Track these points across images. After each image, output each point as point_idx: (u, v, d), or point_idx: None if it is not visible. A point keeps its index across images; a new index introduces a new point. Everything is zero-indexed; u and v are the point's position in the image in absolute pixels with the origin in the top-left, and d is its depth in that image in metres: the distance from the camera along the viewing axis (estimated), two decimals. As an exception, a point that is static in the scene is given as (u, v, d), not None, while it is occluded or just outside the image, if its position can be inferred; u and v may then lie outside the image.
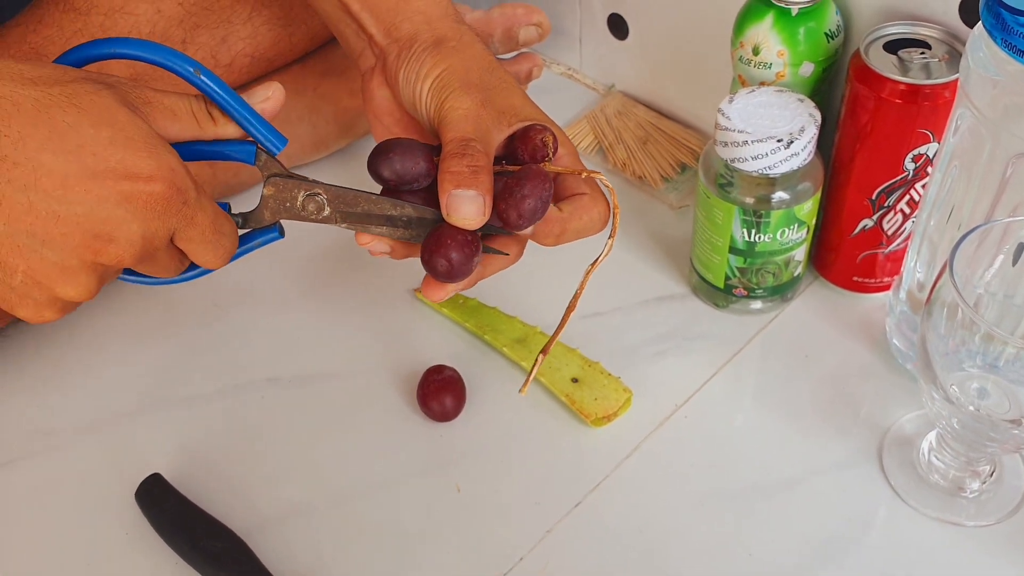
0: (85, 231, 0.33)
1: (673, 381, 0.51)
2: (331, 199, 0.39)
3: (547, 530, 0.46)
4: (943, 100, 0.44)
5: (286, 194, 0.39)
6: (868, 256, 0.52)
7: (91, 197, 0.33)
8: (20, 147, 0.32)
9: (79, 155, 0.33)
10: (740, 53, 0.50)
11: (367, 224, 0.39)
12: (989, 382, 0.43)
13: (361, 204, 0.39)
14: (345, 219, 0.39)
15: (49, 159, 0.32)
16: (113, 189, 0.33)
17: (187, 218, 0.35)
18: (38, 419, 0.52)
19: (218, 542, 0.44)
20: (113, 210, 0.33)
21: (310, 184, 0.39)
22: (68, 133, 0.33)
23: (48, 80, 0.33)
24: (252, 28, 0.58)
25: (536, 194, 0.38)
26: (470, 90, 0.40)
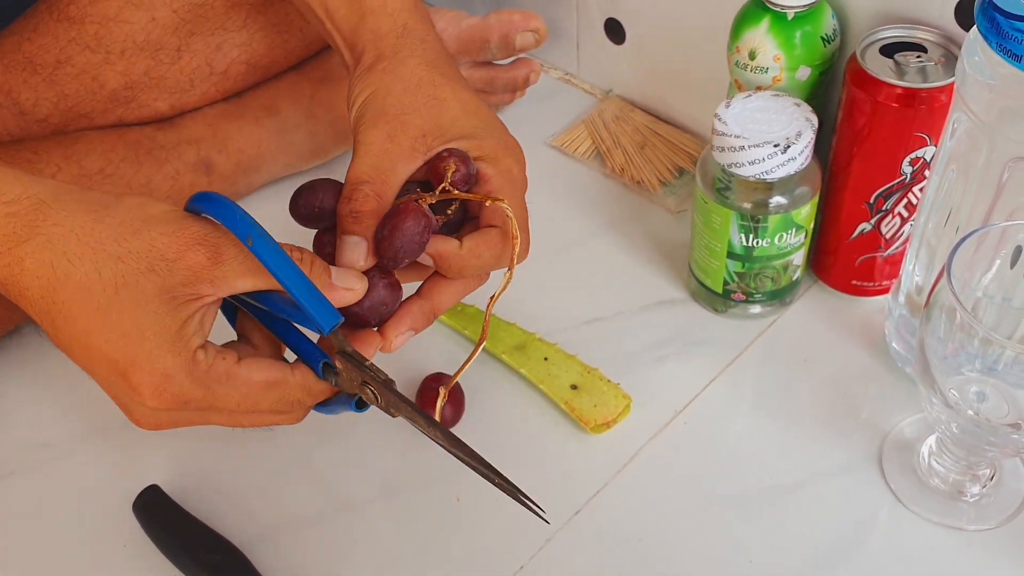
0: (110, 394, 0.36)
1: (672, 387, 0.51)
2: (380, 393, 0.38)
3: (547, 538, 0.45)
4: (939, 104, 0.44)
5: (351, 375, 0.38)
6: (866, 260, 0.52)
7: (106, 378, 0.35)
8: (62, 318, 0.35)
9: (95, 344, 0.35)
10: (736, 58, 0.50)
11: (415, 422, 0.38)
12: (988, 386, 0.42)
13: (403, 409, 0.38)
14: (400, 413, 0.39)
15: (78, 339, 0.35)
16: (117, 382, 0.35)
17: (198, 415, 0.36)
18: (35, 431, 0.51)
19: (216, 554, 0.44)
20: (118, 394, 0.36)
21: (366, 373, 0.38)
22: (100, 314, 0.34)
23: (110, 255, 0.35)
24: (247, 35, 0.58)
25: (400, 232, 0.37)
26: (380, 120, 0.40)
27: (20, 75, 0.54)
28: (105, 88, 0.56)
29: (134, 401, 0.35)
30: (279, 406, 0.37)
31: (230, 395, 0.36)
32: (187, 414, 0.36)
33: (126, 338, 0.34)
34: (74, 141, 0.56)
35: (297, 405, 0.38)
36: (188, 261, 0.35)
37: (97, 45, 0.55)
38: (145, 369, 0.34)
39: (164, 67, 0.57)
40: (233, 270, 0.35)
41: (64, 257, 0.34)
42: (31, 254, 0.34)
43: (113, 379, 0.35)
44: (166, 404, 0.35)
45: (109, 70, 0.55)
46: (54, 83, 0.55)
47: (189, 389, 0.35)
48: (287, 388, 0.37)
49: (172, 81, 0.57)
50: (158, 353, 0.34)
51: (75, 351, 0.35)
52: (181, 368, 0.35)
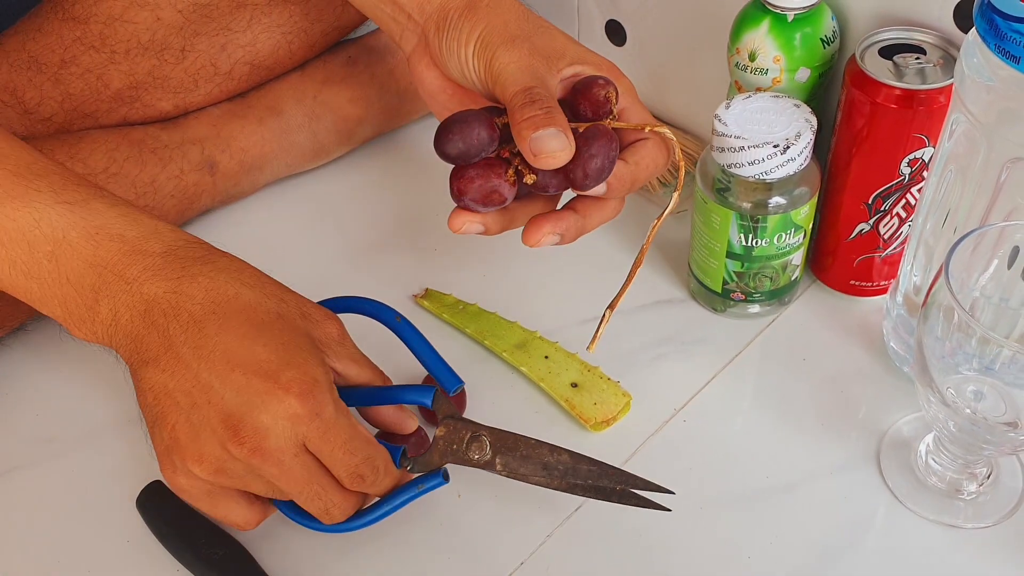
0: (221, 410, 0.37)
1: (672, 385, 0.51)
2: (493, 441, 0.41)
3: (547, 535, 0.46)
4: (938, 105, 0.44)
5: (455, 436, 0.42)
6: (865, 260, 0.52)
7: (240, 383, 0.37)
8: (217, 324, 0.37)
9: (249, 347, 0.37)
10: (736, 59, 0.50)
11: (525, 476, 0.41)
12: (985, 385, 0.43)
13: (520, 448, 0.41)
14: (505, 467, 0.41)
15: (225, 340, 0.37)
16: (256, 384, 0.37)
17: (319, 430, 0.38)
18: (40, 427, 0.52)
19: (219, 549, 0.44)
20: (249, 398, 0.37)
21: (476, 426, 0.42)
22: (255, 329, 0.38)
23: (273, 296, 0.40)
24: (251, 36, 0.58)
25: (603, 153, 0.38)
26: (515, 43, 0.41)
27: (25, 74, 0.54)
28: (110, 88, 0.56)
29: (265, 407, 0.37)
30: (365, 465, 0.39)
31: (345, 429, 0.38)
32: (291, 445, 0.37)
33: (285, 346, 0.38)
34: (78, 140, 0.56)
35: (375, 475, 0.40)
36: (326, 327, 0.41)
37: (102, 45, 0.55)
38: (301, 370, 0.37)
39: (168, 67, 0.57)
40: (349, 354, 0.41)
41: (238, 281, 0.39)
42: (206, 273, 0.39)
43: (254, 384, 0.37)
44: (306, 408, 0.37)
45: (114, 70, 0.56)
46: (59, 82, 0.55)
47: (328, 402, 0.38)
48: (379, 450, 0.40)
49: (176, 81, 0.58)
50: (313, 363, 0.38)
51: (216, 356, 0.37)
52: (327, 380, 0.38)
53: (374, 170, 0.64)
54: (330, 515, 0.40)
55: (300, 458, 0.38)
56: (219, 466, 0.37)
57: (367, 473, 0.40)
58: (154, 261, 0.39)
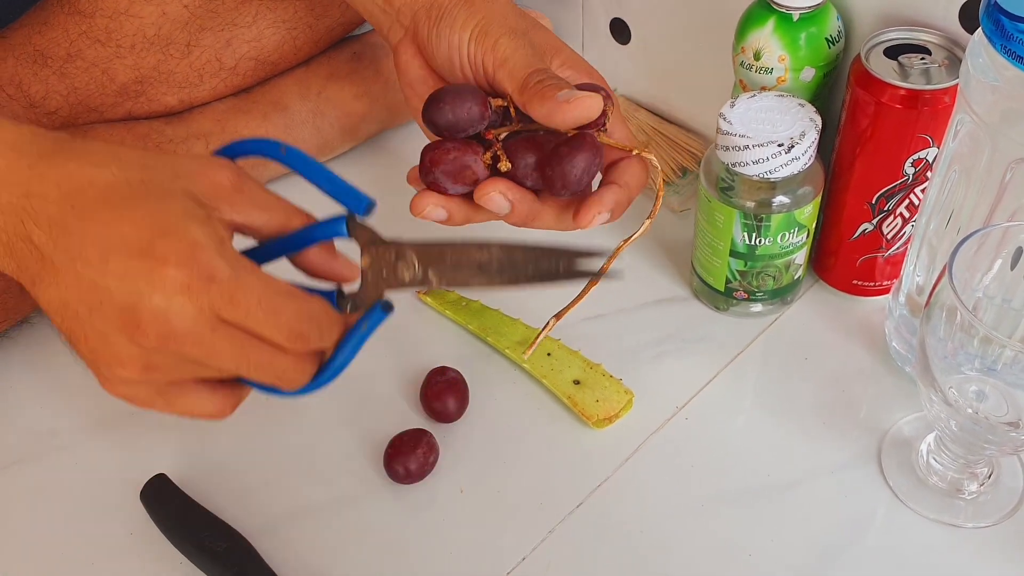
0: (115, 305, 0.34)
1: (674, 383, 0.51)
2: (420, 255, 0.37)
3: (549, 530, 0.46)
4: (943, 105, 0.45)
5: (381, 261, 0.37)
6: (868, 260, 0.52)
7: (120, 270, 0.33)
8: (77, 217, 0.34)
9: (116, 229, 0.33)
10: (741, 58, 0.50)
11: (466, 283, 0.37)
12: (987, 385, 0.43)
13: (448, 255, 0.37)
14: (440, 278, 0.37)
15: (93, 230, 0.34)
16: (134, 266, 0.33)
17: (222, 296, 0.34)
18: (43, 420, 0.52)
19: (223, 542, 0.44)
20: (134, 284, 0.33)
21: (399, 245, 0.37)
22: (118, 208, 0.34)
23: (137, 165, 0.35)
24: (256, 31, 0.58)
25: (585, 166, 0.37)
26: (515, 34, 0.41)
27: (30, 68, 0.54)
28: (115, 82, 0.56)
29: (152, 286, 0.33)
30: (298, 321, 0.35)
31: (254, 287, 0.34)
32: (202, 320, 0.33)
33: (153, 215, 0.33)
34: (83, 134, 0.56)
35: (314, 328, 0.35)
36: (213, 178, 0.36)
37: (107, 39, 0.55)
38: (175, 236, 0.33)
39: (174, 61, 0.57)
40: (251, 199, 0.36)
41: (90, 163, 0.34)
42: (55, 166, 0.34)
43: (131, 266, 0.33)
44: (189, 276, 0.33)
45: (119, 64, 0.56)
46: (64, 76, 0.55)
47: (218, 262, 0.33)
48: (307, 300, 0.36)
49: (181, 76, 0.58)
50: (189, 224, 0.34)
51: (88, 251, 0.33)
52: (211, 238, 0.34)
53: (378, 166, 0.64)
54: (289, 381, 0.36)
55: (220, 331, 0.34)
56: (143, 363, 0.34)
57: (306, 329, 0.35)
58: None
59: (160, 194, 0.34)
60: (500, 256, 0.36)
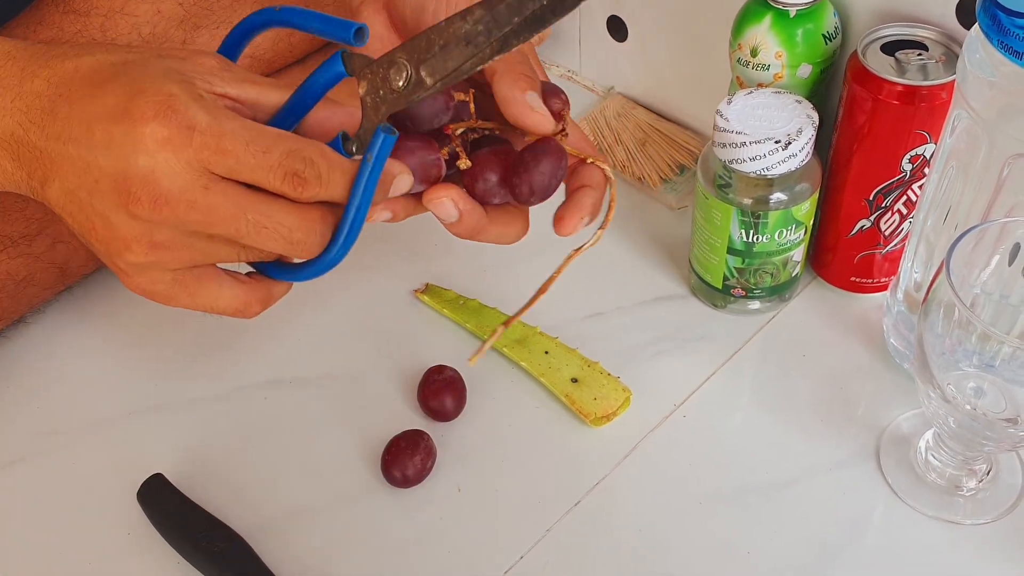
0: (107, 175, 0.33)
1: (672, 381, 0.51)
2: (408, 56, 0.34)
3: (547, 529, 0.46)
4: (940, 101, 0.44)
5: (376, 80, 0.34)
6: (866, 256, 0.52)
7: (104, 139, 0.33)
8: (64, 101, 0.34)
9: (101, 100, 0.33)
10: (738, 55, 0.50)
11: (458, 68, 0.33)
12: (985, 381, 0.43)
13: (434, 40, 0.33)
14: (433, 74, 0.33)
15: (78, 108, 0.33)
16: (115, 130, 0.33)
17: (207, 144, 0.32)
18: (41, 420, 0.52)
19: (220, 542, 0.44)
20: (119, 149, 0.33)
21: (388, 55, 0.34)
22: (101, 83, 0.34)
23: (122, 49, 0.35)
24: (252, 29, 0.58)
25: (551, 172, 0.36)
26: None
27: (26, 67, 0.54)
28: (111, 80, 0.56)
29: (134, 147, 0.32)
30: (292, 160, 0.33)
31: (238, 131, 0.33)
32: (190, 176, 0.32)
33: (132, 82, 0.33)
34: None
35: (312, 169, 0.33)
36: (199, 60, 0.35)
37: (103, 37, 0.55)
38: (149, 93, 0.32)
39: (169, 60, 0.57)
40: (241, 75, 0.35)
41: (74, 55, 0.34)
42: (45, 63, 0.35)
43: (114, 131, 0.32)
44: (171, 128, 0.32)
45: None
46: (60, 75, 0.55)
47: (195, 111, 0.32)
48: (300, 141, 0.34)
49: (177, 74, 0.58)
50: (163, 83, 0.33)
51: (74, 129, 0.33)
52: (186, 92, 0.33)
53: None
54: (301, 244, 0.34)
55: (214, 188, 0.33)
56: (148, 240, 0.34)
57: (300, 167, 0.33)
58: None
59: (141, 64, 0.34)
60: (484, 15, 0.32)
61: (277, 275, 0.37)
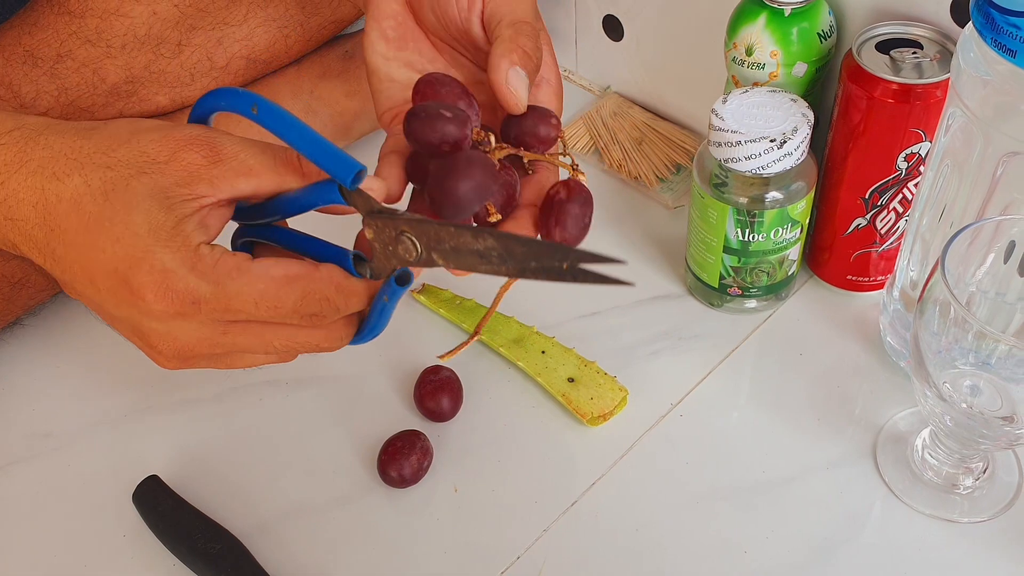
0: (121, 322, 0.34)
1: (669, 380, 0.51)
2: (417, 236, 0.34)
3: (544, 528, 0.46)
4: (935, 99, 0.44)
5: (385, 235, 0.34)
6: (861, 255, 0.52)
7: (110, 296, 0.33)
8: (59, 242, 0.34)
9: (94, 257, 0.33)
10: (734, 54, 0.50)
11: (473, 267, 0.33)
12: (981, 379, 0.43)
13: (445, 239, 0.33)
14: (448, 261, 0.34)
15: (76, 257, 0.33)
16: (121, 293, 0.33)
17: (217, 312, 0.32)
18: (36, 422, 0.52)
19: (216, 544, 0.44)
20: (129, 311, 0.33)
21: (395, 222, 0.34)
22: (90, 232, 0.33)
23: (99, 165, 0.33)
24: (248, 30, 0.58)
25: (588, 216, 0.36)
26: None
27: (21, 68, 0.54)
28: (106, 82, 0.56)
29: (141, 313, 0.32)
30: (307, 305, 0.33)
31: (244, 292, 0.32)
32: (206, 330, 0.33)
33: (119, 242, 0.32)
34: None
35: (328, 306, 0.33)
36: (182, 162, 0.33)
37: (98, 39, 0.55)
38: (144, 268, 0.32)
39: (165, 61, 0.57)
40: (233, 169, 0.33)
41: (54, 178, 0.33)
42: (23, 182, 0.33)
43: (118, 294, 0.32)
44: (172, 305, 0.32)
45: (110, 64, 0.55)
46: (55, 76, 0.55)
47: (195, 284, 0.32)
48: (312, 281, 0.33)
49: (173, 75, 0.57)
50: (154, 249, 0.32)
51: (77, 279, 0.33)
52: (182, 262, 0.32)
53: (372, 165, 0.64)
54: (329, 347, 0.35)
55: (232, 331, 0.33)
56: (180, 357, 0.34)
57: (318, 308, 0.33)
58: None
59: (124, 206, 0.32)
60: (496, 247, 0.32)
61: None
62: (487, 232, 0.32)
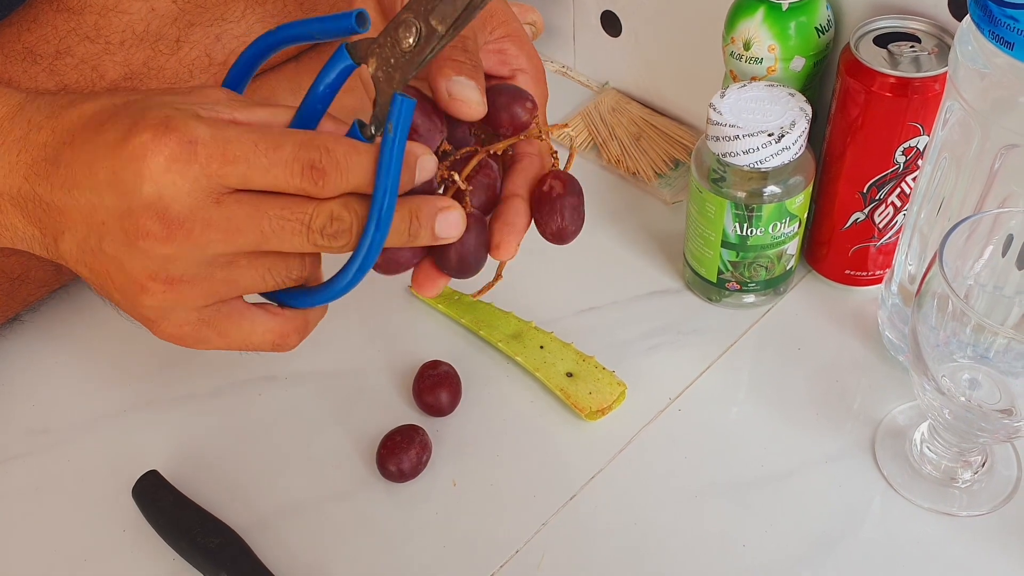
0: (114, 214, 0.32)
1: (667, 375, 0.51)
2: (416, 14, 0.32)
3: (543, 522, 0.46)
4: (933, 93, 0.44)
5: (387, 51, 0.32)
6: (860, 249, 0.52)
7: (107, 175, 0.32)
8: (67, 146, 0.33)
9: (102, 138, 0.32)
10: (731, 48, 0.50)
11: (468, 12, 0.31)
12: (980, 373, 0.43)
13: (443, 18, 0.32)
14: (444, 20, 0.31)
15: (80, 151, 0.33)
16: (115, 162, 0.32)
17: (214, 156, 0.31)
18: (35, 417, 0.52)
19: (215, 538, 0.44)
20: (121, 181, 0.31)
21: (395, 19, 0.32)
22: (100, 123, 0.33)
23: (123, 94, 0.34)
24: (246, 26, 0.58)
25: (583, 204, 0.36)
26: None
27: (20, 65, 0.54)
28: (105, 78, 0.56)
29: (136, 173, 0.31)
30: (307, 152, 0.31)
31: (244, 135, 0.31)
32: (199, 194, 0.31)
33: (129, 116, 0.32)
34: None
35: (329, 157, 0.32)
36: (206, 92, 0.34)
37: (96, 35, 0.55)
38: (145, 120, 0.31)
39: (163, 58, 0.57)
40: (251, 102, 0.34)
41: (79, 100, 0.34)
42: (52, 113, 0.34)
43: (113, 163, 0.31)
44: (169, 145, 0.31)
45: (109, 60, 0.56)
46: (54, 73, 0.55)
47: (195, 126, 0.31)
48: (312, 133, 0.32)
49: (171, 72, 0.57)
50: (163, 105, 0.32)
51: (78, 173, 0.32)
52: (184, 111, 0.32)
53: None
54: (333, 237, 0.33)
55: (227, 200, 0.31)
56: (164, 277, 0.32)
57: (316, 156, 0.31)
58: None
59: (144, 101, 0.33)
60: None
61: (304, 302, 0.35)
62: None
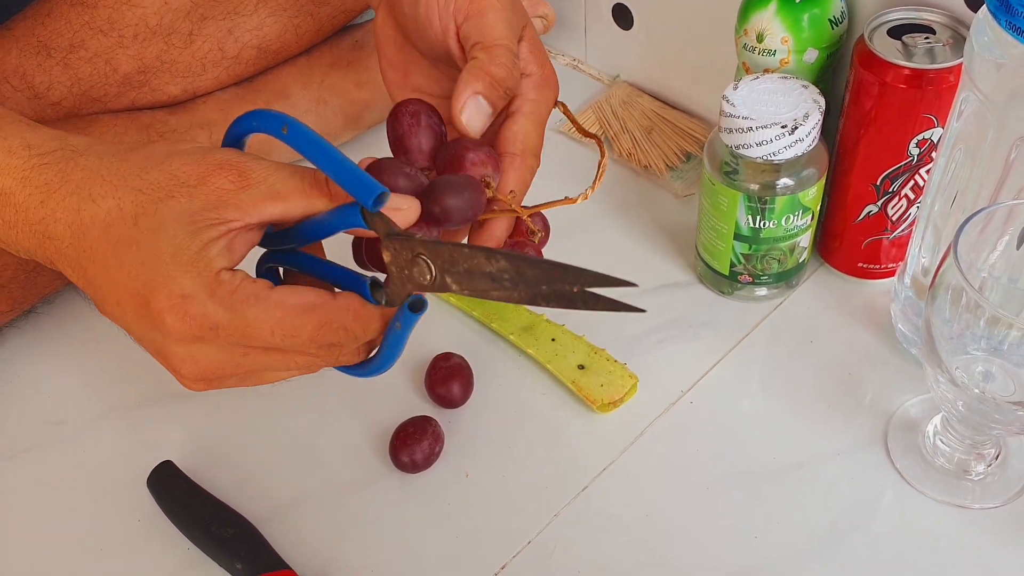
0: (146, 343, 0.35)
1: (679, 367, 0.51)
2: (432, 259, 0.34)
3: (554, 514, 0.46)
4: (947, 85, 0.44)
5: (401, 258, 0.34)
6: (873, 242, 0.52)
7: (135, 319, 0.34)
8: (90, 261, 0.34)
9: (119, 280, 0.34)
10: (744, 40, 0.50)
11: (484, 293, 0.34)
12: (994, 365, 0.43)
13: (459, 261, 0.33)
14: (461, 285, 0.34)
15: (105, 277, 0.34)
16: (146, 319, 0.33)
17: (234, 338, 0.33)
18: (52, 409, 0.52)
19: (230, 528, 0.45)
20: (152, 333, 0.34)
21: (412, 243, 0.34)
22: (118, 254, 0.34)
23: (132, 188, 0.34)
24: (258, 20, 0.58)
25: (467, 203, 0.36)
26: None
27: (34, 59, 0.55)
28: (118, 72, 0.56)
29: (163, 336, 0.33)
30: (324, 335, 0.34)
31: (261, 320, 0.33)
32: (226, 354, 0.34)
33: (144, 266, 0.33)
34: (87, 124, 0.56)
35: (346, 334, 0.34)
36: (212, 186, 0.33)
37: (110, 29, 0.55)
38: (163, 292, 0.32)
39: (176, 51, 0.57)
40: (261, 193, 0.34)
41: (89, 199, 0.34)
42: (61, 202, 0.34)
43: (142, 316, 0.33)
44: (191, 329, 0.32)
45: (122, 54, 0.56)
46: (68, 67, 0.55)
47: (213, 310, 0.32)
48: (329, 311, 0.34)
49: (184, 65, 0.58)
50: (175, 274, 0.32)
51: (106, 300, 0.34)
52: (201, 288, 0.33)
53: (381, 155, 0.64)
54: (348, 363, 0.36)
55: (253, 354, 0.34)
56: (202, 377, 0.35)
57: (334, 338, 0.34)
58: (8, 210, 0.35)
59: (151, 231, 0.33)
60: (509, 268, 0.33)
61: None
62: (500, 253, 0.33)
